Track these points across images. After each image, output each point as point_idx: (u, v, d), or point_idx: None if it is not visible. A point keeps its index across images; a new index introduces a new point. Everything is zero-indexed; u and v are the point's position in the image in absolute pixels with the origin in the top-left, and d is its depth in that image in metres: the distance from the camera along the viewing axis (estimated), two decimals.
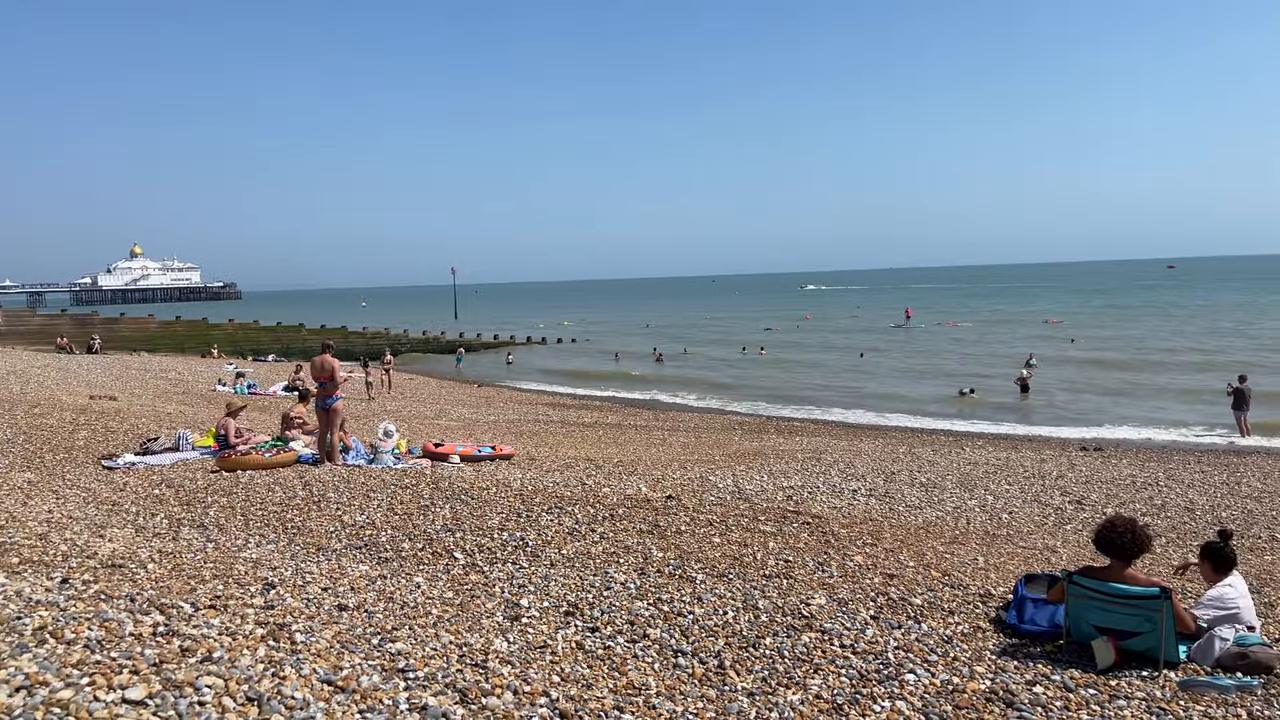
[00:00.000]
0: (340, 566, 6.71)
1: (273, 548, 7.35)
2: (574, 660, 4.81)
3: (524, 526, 7.95)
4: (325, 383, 11.90)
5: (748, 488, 11.01)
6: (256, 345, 50.81)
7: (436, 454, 12.87)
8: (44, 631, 3.87)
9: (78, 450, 12.27)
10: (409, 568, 6.81)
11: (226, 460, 11.07)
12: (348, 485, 9.62)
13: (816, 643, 5.15)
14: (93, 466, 11.22)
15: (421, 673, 4.19)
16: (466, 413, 23.42)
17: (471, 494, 9.17)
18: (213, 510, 8.72)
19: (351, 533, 7.85)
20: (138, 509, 8.77)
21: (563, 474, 11.33)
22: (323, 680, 3.84)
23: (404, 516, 8.33)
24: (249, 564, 6.49)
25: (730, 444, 17.63)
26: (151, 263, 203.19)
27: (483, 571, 6.70)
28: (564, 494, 9.34)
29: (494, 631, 5.24)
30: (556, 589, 6.18)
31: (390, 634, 4.89)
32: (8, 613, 4.10)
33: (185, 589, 5.34)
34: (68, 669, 3.42)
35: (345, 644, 4.54)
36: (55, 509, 8.38)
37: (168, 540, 7.48)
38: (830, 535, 7.93)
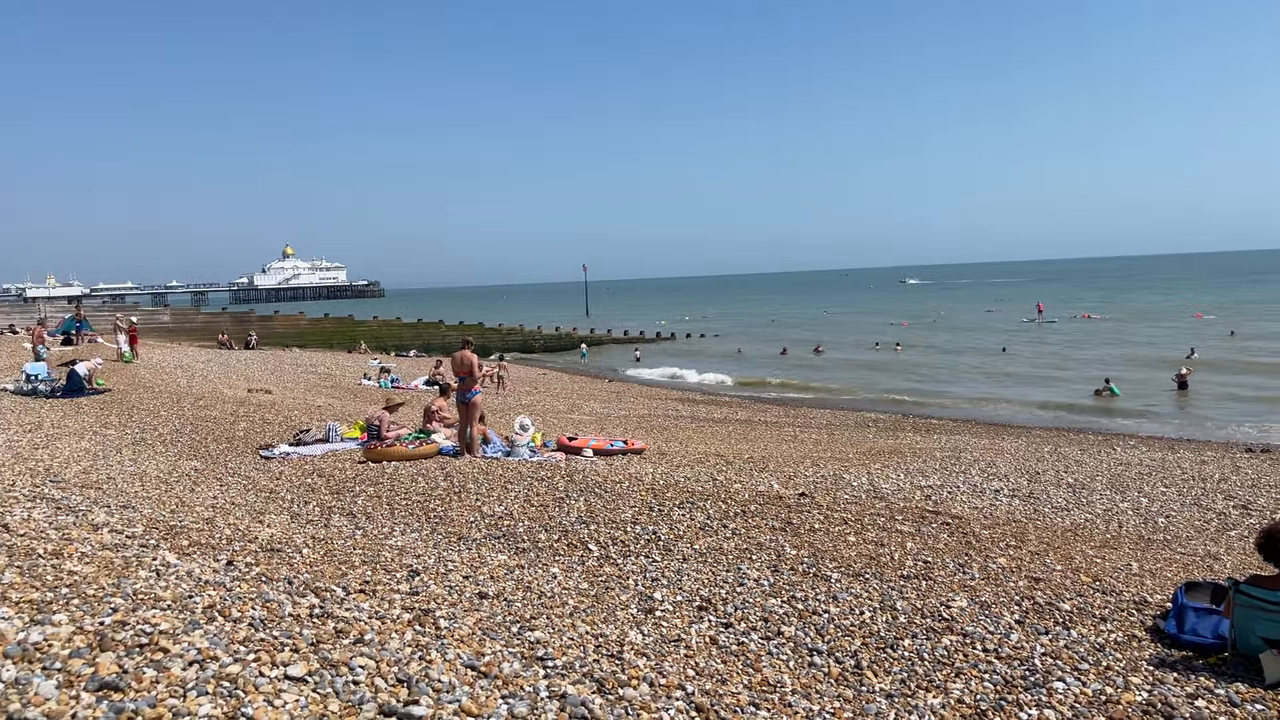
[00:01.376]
0: (480, 555, 6.91)
1: (416, 536, 7.63)
2: (708, 655, 4.82)
3: (656, 521, 8.01)
4: (465, 377, 12.29)
5: (883, 486, 10.78)
6: (399, 341, 52.79)
7: (570, 447, 13.10)
8: (213, 610, 4.13)
9: (238, 440, 13.03)
10: (545, 558, 6.96)
11: (373, 451, 11.55)
12: (486, 477, 9.89)
13: (958, 646, 5.00)
14: (251, 456, 11.90)
15: (560, 661, 4.28)
16: (598, 407, 23.74)
17: (605, 487, 9.29)
18: (361, 499, 9.12)
19: (490, 523, 8.07)
20: (292, 496, 9.25)
21: (693, 469, 11.35)
22: (466, 665, 3.97)
23: (540, 508, 8.51)
24: (395, 551, 6.76)
25: (864, 441, 17.29)
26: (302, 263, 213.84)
27: (616, 564, 6.79)
28: (695, 489, 9.36)
29: (628, 624, 5.30)
30: (689, 583, 6.20)
31: (529, 622, 5.01)
32: (181, 591, 4.39)
33: (337, 574, 5.60)
34: (235, 645, 3.64)
35: (486, 631, 4.68)
36: (219, 495, 8.92)
37: (320, 527, 7.86)
38: (971, 536, 7.68)
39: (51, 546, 5.00)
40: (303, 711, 3.15)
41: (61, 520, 6.04)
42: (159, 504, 7.82)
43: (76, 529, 5.76)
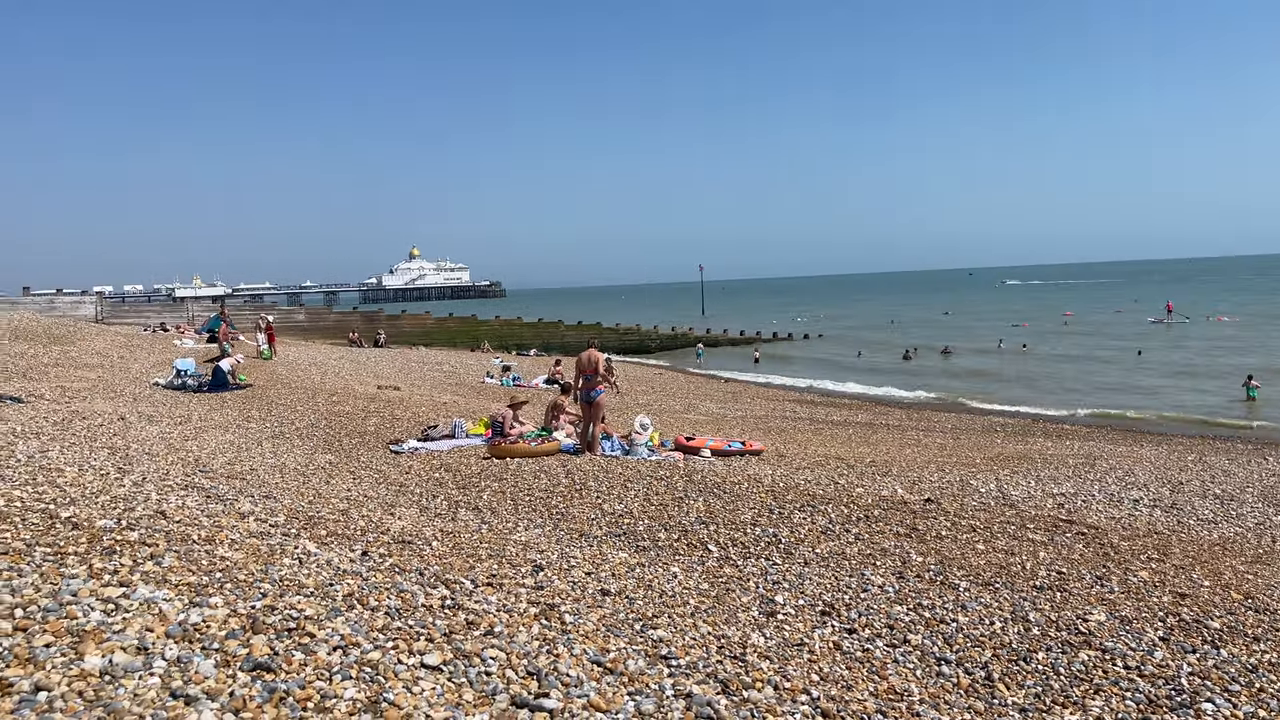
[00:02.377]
0: (601, 553, 7.00)
1: (539, 532, 7.78)
2: (832, 660, 4.76)
3: (776, 523, 7.95)
4: (590, 376, 12.46)
5: (1013, 493, 10.43)
6: (520, 340, 53.86)
7: (688, 447, 13.12)
8: (352, 598, 4.31)
9: (369, 435, 13.54)
10: (665, 557, 7.00)
11: (497, 448, 11.83)
12: (606, 475, 10.01)
13: (1096, 661, 4.80)
14: (382, 450, 12.34)
15: (683, 661, 4.30)
16: (714, 408, 23.70)
17: (724, 488, 9.28)
18: (486, 494, 9.35)
19: (611, 521, 8.16)
20: (421, 490, 9.55)
21: (814, 472, 11.22)
22: (592, 661, 4.03)
23: (659, 507, 8.56)
24: (519, 546, 6.90)
25: (992, 446, 16.75)
26: (427, 264, 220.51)
27: (737, 565, 6.77)
28: (816, 492, 9.26)
29: (750, 626, 5.29)
30: (811, 588, 6.13)
31: (651, 621, 5.04)
32: (322, 579, 4.60)
33: (465, 566, 5.76)
34: (374, 633, 3.80)
35: (610, 628, 4.74)
36: (352, 488, 9.29)
37: (447, 520, 8.10)
38: (1109, 548, 7.36)
39: (204, 533, 5.29)
40: (439, 700, 3.26)
41: (212, 508, 6.39)
42: (298, 495, 8.19)
43: (225, 517, 6.08)
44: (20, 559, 4.10)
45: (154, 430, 11.54)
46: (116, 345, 25.60)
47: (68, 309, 48.96)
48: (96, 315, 48.98)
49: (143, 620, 3.48)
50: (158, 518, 5.52)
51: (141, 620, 3.48)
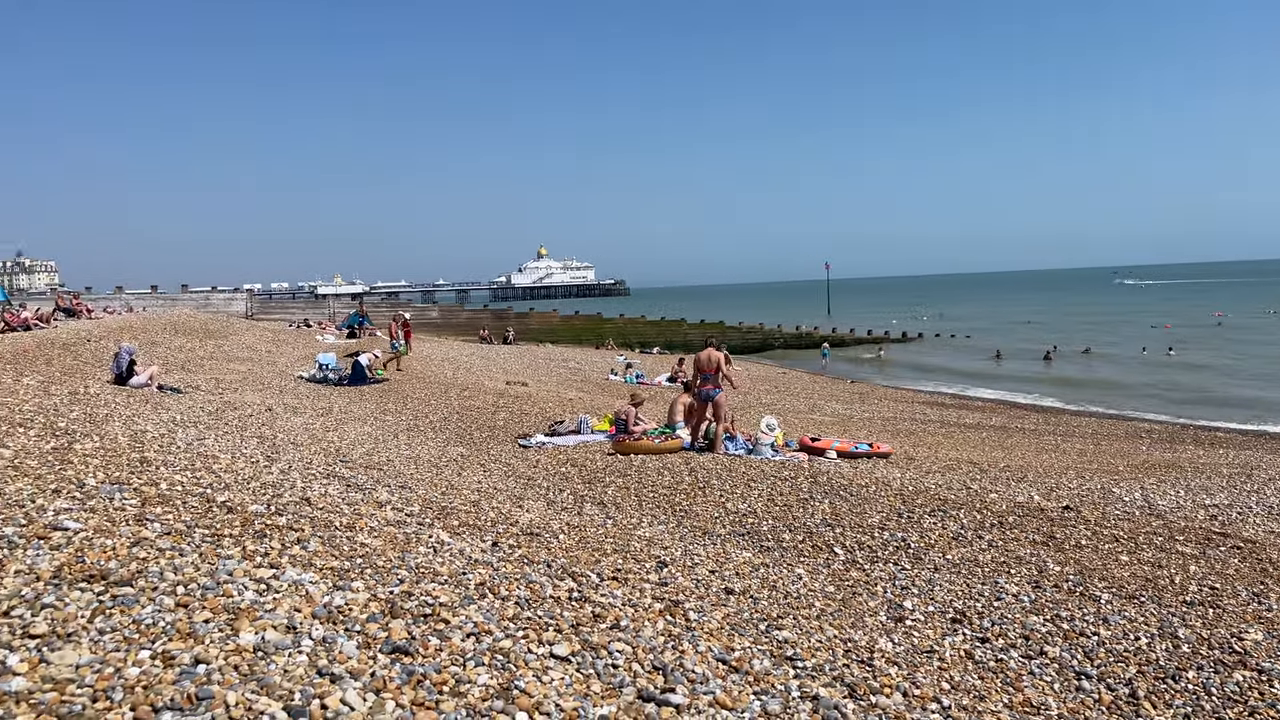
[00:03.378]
0: (725, 551, 6.99)
1: (663, 528, 7.83)
2: (963, 669, 4.63)
3: (905, 527, 7.78)
4: (709, 374, 12.46)
5: (1160, 503, 9.89)
6: (643, 338, 54.22)
7: (813, 448, 12.95)
8: (484, 587, 4.43)
9: (498, 429, 13.89)
10: (790, 558, 6.94)
11: (621, 444, 11.96)
12: (730, 474, 9.99)
13: (1252, 683, 4.52)
14: (510, 444, 12.64)
15: (809, 663, 4.25)
16: (840, 408, 23.32)
17: (850, 490, 9.13)
18: (610, 490, 9.46)
19: (734, 520, 8.14)
20: (548, 484, 9.74)
21: (944, 476, 10.91)
22: (717, 659, 4.03)
23: (784, 508, 8.49)
24: (643, 542, 6.96)
25: (1137, 453, 15.93)
26: (554, 262, 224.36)
27: (863, 569, 6.66)
28: (947, 497, 9.00)
29: (877, 630, 5.19)
30: (942, 594, 5.98)
31: (776, 621, 5.01)
32: (455, 568, 4.75)
33: (591, 560, 5.85)
34: (505, 621, 3.89)
35: (735, 626, 4.73)
36: (483, 480, 9.54)
37: (573, 514, 8.23)
38: (1269, 563, 6.91)
39: (345, 520, 5.53)
40: (568, 690, 3.32)
41: (352, 497, 6.68)
42: (431, 485, 8.46)
43: (364, 505, 6.35)
44: (181, 540, 4.38)
45: (298, 421, 12.12)
46: (264, 340, 27.00)
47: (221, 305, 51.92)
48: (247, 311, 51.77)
49: (291, 601, 3.67)
50: (303, 504, 5.81)
51: (290, 601, 3.67)
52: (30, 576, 3.64)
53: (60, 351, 15.97)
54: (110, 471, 5.90)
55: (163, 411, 10.42)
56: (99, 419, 8.74)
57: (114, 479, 5.65)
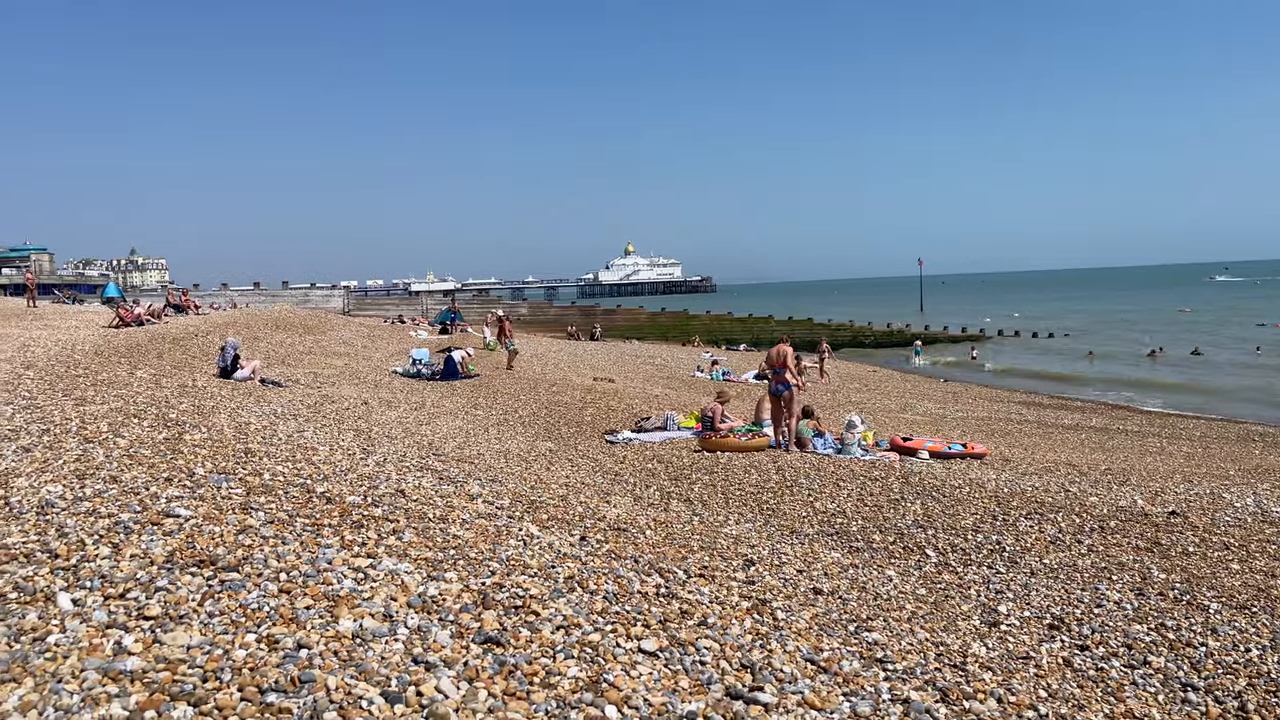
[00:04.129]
0: (813, 551, 6.92)
1: (750, 526, 7.79)
2: (1061, 677, 4.50)
3: (1000, 530, 7.59)
4: (779, 369, 12.44)
5: (1275, 510, 9.42)
6: (729, 335, 54.00)
7: (904, 448, 12.73)
8: (573, 581, 4.48)
9: (585, 425, 14.00)
10: (880, 559, 6.84)
11: (708, 441, 11.94)
12: (818, 473, 9.88)
13: None
14: (598, 440, 12.74)
15: (900, 666, 4.19)
16: (932, 407, 22.84)
17: (943, 491, 8.94)
18: (697, 487, 9.45)
19: (823, 520, 8.05)
20: (635, 480, 9.79)
21: (1042, 478, 10.59)
22: (806, 658, 4.00)
23: (874, 508, 8.37)
24: (730, 540, 6.95)
25: (1249, 457, 15.21)
26: (641, 259, 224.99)
27: (956, 572, 6.52)
28: (1044, 499, 8.74)
29: (971, 635, 5.08)
30: (1038, 599, 5.82)
31: (865, 623, 4.95)
32: (544, 561, 4.81)
33: (678, 556, 5.86)
34: (594, 615, 3.93)
35: (823, 627, 4.69)
36: (570, 475, 9.64)
37: (660, 510, 8.26)
38: None
39: (438, 512, 5.66)
40: (656, 685, 3.33)
41: (444, 489, 6.82)
42: (521, 480, 8.58)
43: (456, 498, 6.47)
44: (283, 528, 4.54)
45: (392, 415, 12.43)
46: (360, 335, 27.74)
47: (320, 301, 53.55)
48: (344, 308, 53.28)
49: (387, 590, 3.77)
50: (398, 496, 5.95)
51: (386, 590, 3.77)
52: (145, 560, 3.82)
53: (170, 346, 16.68)
54: (217, 461, 6.15)
55: (265, 404, 10.80)
56: (206, 411, 9.11)
57: (221, 469, 5.89)
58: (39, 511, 4.52)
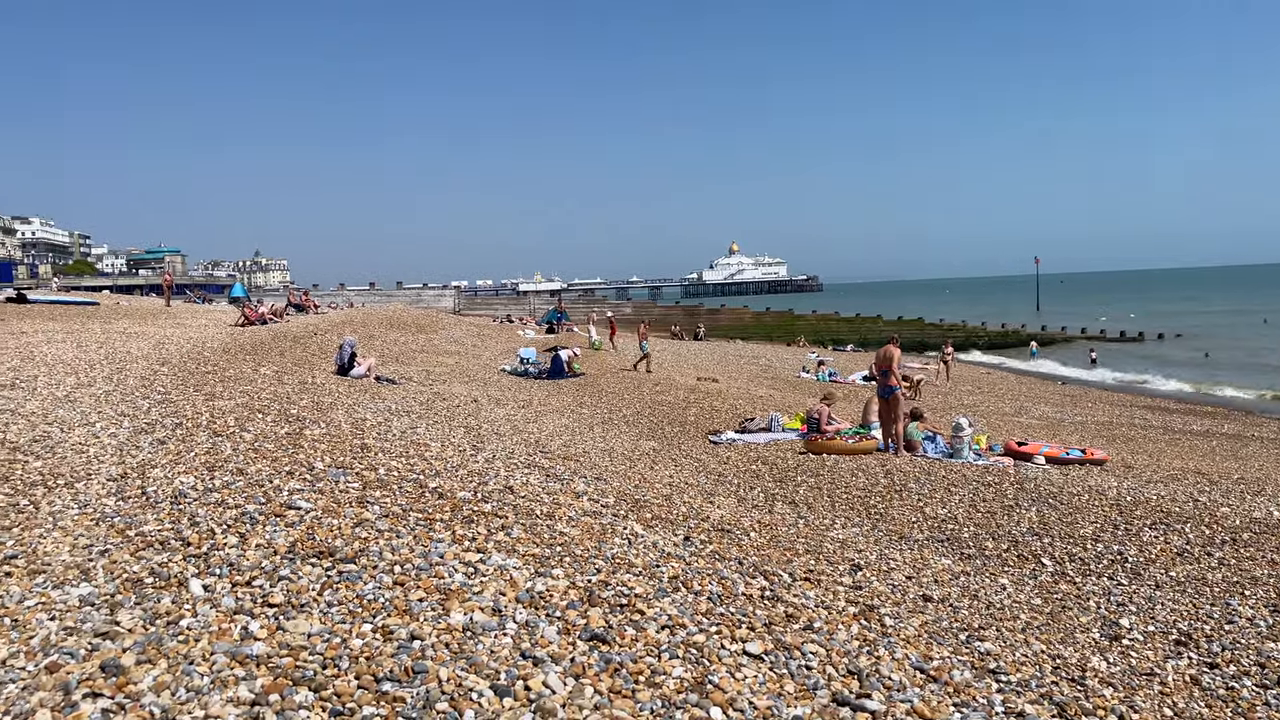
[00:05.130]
0: (922, 557, 6.77)
1: (857, 531, 7.67)
2: (1188, 695, 4.29)
3: (1122, 540, 7.27)
4: (886, 372, 12.21)
5: None
6: (836, 335, 53.27)
7: (1019, 453, 12.32)
8: (677, 580, 4.49)
9: (689, 425, 14.00)
10: (993, 567, 6.64)
11: (813, 443, 11.79)
12: (928, 477, 9.65)
13: None
14: (701, 440, 12.72)
15: (1014, 677, 4.06)
16: (1049, 411, 22.04)
17: (1060, 499, 8.62)
18: (802, 489, 9.35)
19: (933, 525, 7.87)
20: (738, 481, 9.74)
21: (1168, 486, 10.11)
22: (914, 667, 3.92)
23: (986, 515, 8.13)
24: (836, 543, 6.85)
25: None
26: (746, 259, 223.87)
27: (1074, 582, 6.29)
28: (1170, 509, 8.34)
29: (1090, 648, 4.89)
30: (1164, 613, 5.56)
31: (977, 632, 4.82)
32: (649, 560, 4.84)
33: (782, 559, 5.81)
34: (698, 616, 3.93)
35: (933, 635, 4.58)
36: (674, 475, 9.65)
37: (764, 512, 8.20)
38: None
39: (545, 509, 5.75)
40: (761, 688, 3.31)
41: (550, 486, 6.92)
42: (625, 478, 8.64)
43: (563, 495, 6.56)
44: (398, 522, 4.68)
45: (500, 412, 12.68)
46: (470, 334, 28.40)
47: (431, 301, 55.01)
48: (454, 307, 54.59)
49: (496, 585, 3.85)
50: (506, 492, 6.07)
51: (495, 585, 3.85)
52: (269, 550, 4.00)
53: (291, 344, 17.39)
54: (335, 456, 6.38)
55: (380, 401, 11.15)
56: (324, 407, 9.46)
57: (339, 463, 6.11)
58: (173, 501, 4.77)
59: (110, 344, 14.40)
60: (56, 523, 4.43)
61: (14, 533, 4.28)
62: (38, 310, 23.91)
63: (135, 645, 3.07)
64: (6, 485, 5.17)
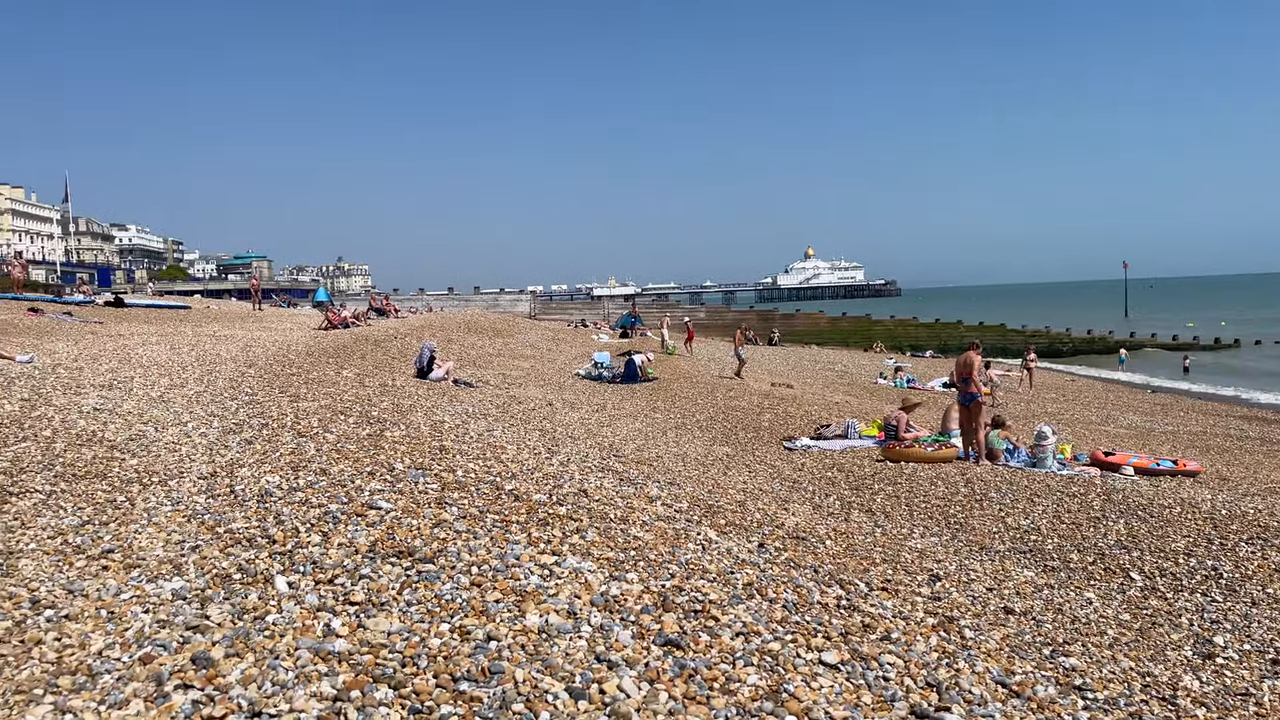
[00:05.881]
0: (1004, 569, 6.62)
1: (936, 540, 7.53)
2: None
3: (1216, 555, 6.99)
4: (966, 378, 11.97)
5: None
6: (914, 341, 52.40)
7: (1106, 463, 11.96)
8: (751, 588, 4.46)
9: (763, 430, 13.91)
10: (1078, 580, 6.45)
11: (891, 450, 11.61)
12: (1010, 487, 9.42)
13: None
14: (776, 446, 12.63)
15: (1101, 695, 3.94)
16: (1138, 420, 21.34)
17: (1150, 511, 8.33)
18: (879, 497, 9.21)
19: (1015, 536, 7.68)
20: (813, 488, 9.64)
21: (1266, 499, 9.68)
22: (996, 681, 3.82)
23: (1071, 526, 7.90)
24: (914, 553, 6.73)
25: None
26: (822, 263, 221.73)
27: (1165, 598, 6.07)
28: (1269, 524, 7.98)
29: (1181, 666, 4.73)
30: (1262, 632, 5.33)
31: (1062, 647, 4.69)
32: (723, 566, 4.81)
33: (859, 568, 5.73)
34: (773, 624, 3.90)
35: (1015, 649, 4.47)
36: (748, 480, 9.60)
37: (840, 520, 8.10)
38: None
39: (619, 513, 5.76)
40: (837, 698, 3.27)
41: (624, 490, 6.94)
42: (698, 483, 8.62)
43: (636, 499, 6.57)
44: (475, 524, 4.74)
45: (575, 416, 12.77)
46: (545, 338, 28.67)
47: (508, 306, 55.71)
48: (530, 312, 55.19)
49: (571, 588, 3.88)
50: (580, 496, 6.10)
51: (570, 588, 3.87)
52: (350, 549, 4.09)
53: (372, 347, 17.77)
54: (414, 458, 6.49)
55: (457, 404, 11.33)
56: (404, 409, 9.64)
57: (418, 465, 6.22)
58: (259, 500, 4.92)
59: (201, 346, 14.91)
60: (151, 519, 4.60)
61: (111, 528, 4.46)
62: (134, 314, 24.92)
63: (224, 639, 3.17)
64: (104, 482, 5.39)
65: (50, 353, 12.17)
